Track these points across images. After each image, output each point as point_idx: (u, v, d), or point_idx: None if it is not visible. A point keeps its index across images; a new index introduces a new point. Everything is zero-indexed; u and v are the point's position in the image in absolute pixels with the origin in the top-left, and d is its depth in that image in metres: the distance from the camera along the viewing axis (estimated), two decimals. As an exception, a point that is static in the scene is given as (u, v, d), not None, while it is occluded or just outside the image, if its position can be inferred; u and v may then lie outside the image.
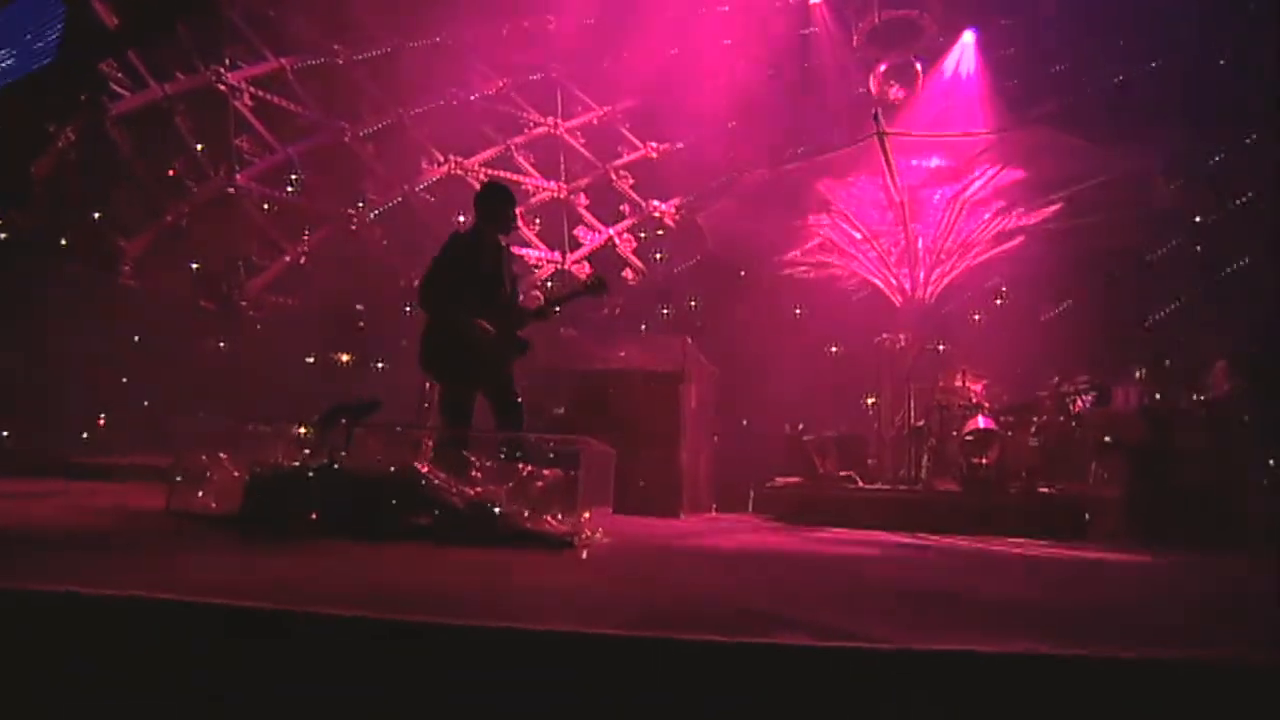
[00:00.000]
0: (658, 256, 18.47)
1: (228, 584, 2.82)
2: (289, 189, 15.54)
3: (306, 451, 4.85)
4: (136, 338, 13.90)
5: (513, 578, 3.52)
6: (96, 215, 12.97)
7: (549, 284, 16.60)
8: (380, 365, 15.70)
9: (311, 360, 15.71)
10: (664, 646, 1.94)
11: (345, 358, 15.89)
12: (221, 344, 14.97)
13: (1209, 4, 14.93)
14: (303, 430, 5.40)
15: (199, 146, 13.96)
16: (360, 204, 15.83)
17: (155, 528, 4.66)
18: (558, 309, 6.21)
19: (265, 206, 14.95)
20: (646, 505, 8.41)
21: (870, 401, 16.18)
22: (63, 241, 12.90)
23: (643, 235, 18.16)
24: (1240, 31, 14.64)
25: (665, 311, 18.22)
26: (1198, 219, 15.08)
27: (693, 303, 18.11)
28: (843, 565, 5.06)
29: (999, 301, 15.29)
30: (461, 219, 15.17)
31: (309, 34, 15.10)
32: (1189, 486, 7.60)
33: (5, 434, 12.02)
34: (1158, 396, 9.32)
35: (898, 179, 11.34)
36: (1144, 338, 13.55)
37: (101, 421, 13.43)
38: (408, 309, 15.92)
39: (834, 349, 17.53)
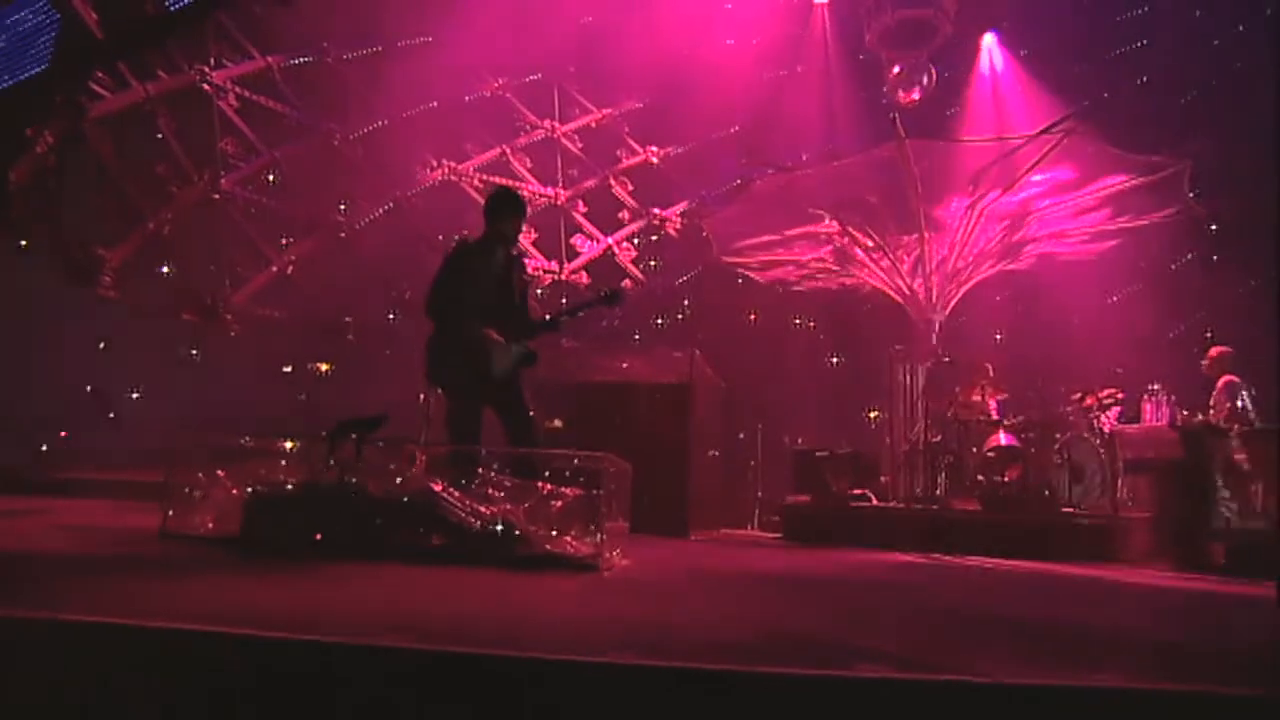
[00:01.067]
0: (652, 264, 18.36)
1: (232, 611, 2.74)
2: (270, 185, 15.35)
3: (310, 468, 4.73)
4: (102, 344, 13.69)
5: (541, 603, 3.43)
6: (76, 222, 12.78)
7: (541, 293, 16.49)
8: (369, 377, 15.55)
9: (289, 370, 15.55)
10: (747, 681, 1.85)
11: (324, 367, 15.72)
12: (194, 352, 14.79)
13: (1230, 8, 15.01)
14: (289, 444, 5.30)
15: (182, 149, 13.78)
16: (342, 205, 15.67)
17: (151, 550, 4.55)
18: (568, 319, 6.14)
19: (251, 211, 14.76)
20: (653, 524, 8.26)
21: (872, 415, 16.13)
22: (22, 243, 12.68)
23: (637, 241, 18.03)
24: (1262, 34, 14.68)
25: (660, 322, 18.13)
26: (1214, 227, 15.08)
27: (684, 313, 18.03)
28: (890, 589, 4.98)
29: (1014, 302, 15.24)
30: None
31: (297, 31, 14.96)
32: (1225, 506, 7.54)
33: None
34: (1186, 413, 9.24)
35: (919, 186, 11.29)
36: (1167, 351, 13.52)
37: (64, 434, 13.24)
38: (391, 315, 15.84)
39: (835, 360, 17.51)
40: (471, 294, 5.58)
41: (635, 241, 18.00)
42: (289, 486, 4.60)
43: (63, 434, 13.27)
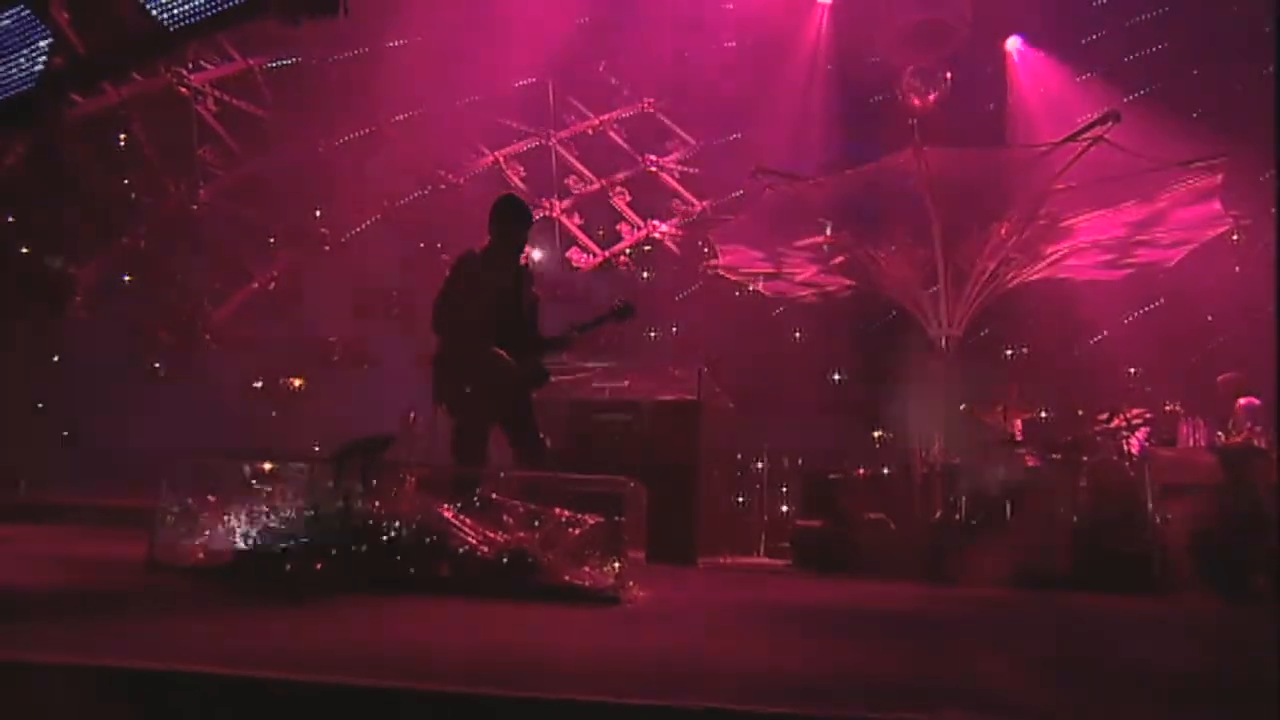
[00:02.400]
0: (645, 275, 18.26)
1: (230, 650, 2.63)
2: (251, 195, 15.18)
3: (310, 493, 4.57)
4: (56, 358, 13.46)
5: (572, 638, 3.29)
6: (46, 237, 12.59)
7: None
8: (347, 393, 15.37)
9: (259, 385, 15.34)
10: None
11: (297, 382, 15.50)
12: (156, 365, 14.55)
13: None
14: (287, 467, 5.15)
15: (158, 158, 13.60)
16: (318, 212, 15.50)
17: (137, 582, 4.40)
18: (580, 336, 6.00)
19: (231, 223, 14.59)
20: (658, 551, 8.12)
21: (877, 434, 16.04)
22: None
23: (629, 253, 17.92)
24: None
25: (653, 335, 17.99)
26: (1235, 237, 15.05)
27: (678, 328, 17.94)
28: (936, 622, 4.86)
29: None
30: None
31: (280, 32, 14.81)
32: (1271, 533, 7.42)
33: None
34: (1221, 435, 9.14)
35: (936, 195, 11.19)
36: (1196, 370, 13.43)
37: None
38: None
39: (838, 378, 17.41)
40: (479, 307, 5.45)
41: (628, 254, 17.92)
42: (289, 513, 4.45)
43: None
